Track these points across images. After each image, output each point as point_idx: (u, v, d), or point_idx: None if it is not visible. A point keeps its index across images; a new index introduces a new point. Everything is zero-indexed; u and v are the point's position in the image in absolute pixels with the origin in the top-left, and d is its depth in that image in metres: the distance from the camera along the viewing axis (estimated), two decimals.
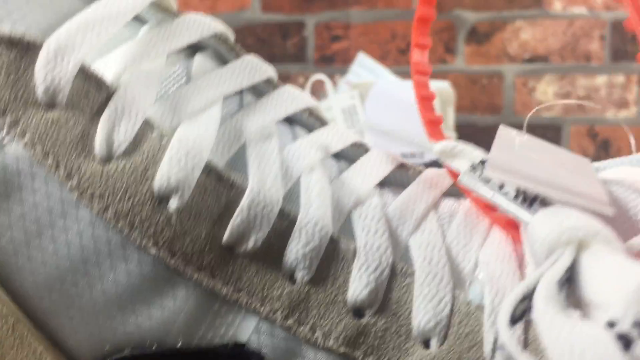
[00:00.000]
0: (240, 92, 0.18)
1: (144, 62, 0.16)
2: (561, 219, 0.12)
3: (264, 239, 0.15)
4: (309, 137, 0.17)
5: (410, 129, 0.60)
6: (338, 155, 0.18)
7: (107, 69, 0.16)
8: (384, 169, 0.17)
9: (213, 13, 0.85)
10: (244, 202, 0.15)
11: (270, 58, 0.96)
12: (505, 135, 0.17)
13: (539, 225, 0.12)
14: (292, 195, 0.16)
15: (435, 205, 0.17)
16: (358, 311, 0.15)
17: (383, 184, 0.17)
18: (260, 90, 0.18)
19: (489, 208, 0.17)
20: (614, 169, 0.17)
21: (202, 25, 0.18)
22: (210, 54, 0.18)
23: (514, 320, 0.11)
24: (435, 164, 0.65)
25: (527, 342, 0.14)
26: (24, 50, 0.15)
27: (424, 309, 0.15)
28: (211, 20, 0.18)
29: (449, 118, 0.62)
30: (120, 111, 0.15)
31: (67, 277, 0.14)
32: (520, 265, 0.16)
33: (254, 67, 0.18)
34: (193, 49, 0.18)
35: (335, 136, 0.18)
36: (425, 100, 0.19)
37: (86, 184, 0.14)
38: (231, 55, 0.18)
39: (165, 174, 0.14)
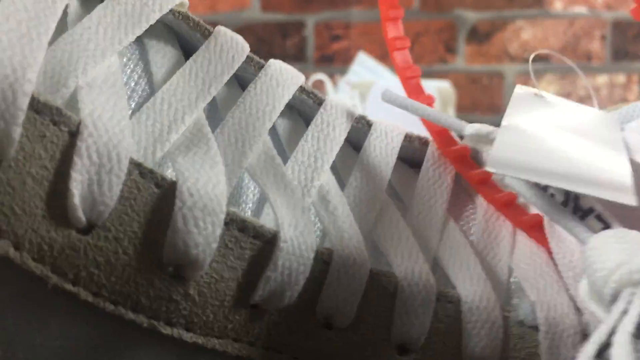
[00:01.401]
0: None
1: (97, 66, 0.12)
2: (631, 253, 0.11)
3: (300, 292, 0.12)
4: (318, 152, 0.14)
5: (410, 128, 0.60)
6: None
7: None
8: (392, 162, 0.16)
9: (213, 12, 0.85)
10: (276, 255, 0.12)
11: (270, 57, 0.96)
12: (520, 99, 0.16)
13: (603, 254, 0.11)
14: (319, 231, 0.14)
15: (449, 205, 0.15)
16: (403, 348, 0.13)
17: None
18: (246, 79, 0.14)
19: (505, 206, 0.15)
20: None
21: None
22: (161, 33, 0.15)
23: None
24: None
25: None
26: None
27: (476, 336, 0.13)
28: None
29: None
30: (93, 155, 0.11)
31: None
32: (556, 271, 0.14)
33: (230, 48, 0.14)
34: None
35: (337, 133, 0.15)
36: (408, 79, 0.18)
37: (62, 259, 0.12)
38: (196, 34, 0.15)
39: (172, 241, 0.11)
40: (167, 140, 0.12)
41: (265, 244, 0.12)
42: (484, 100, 0.86)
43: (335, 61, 0.86)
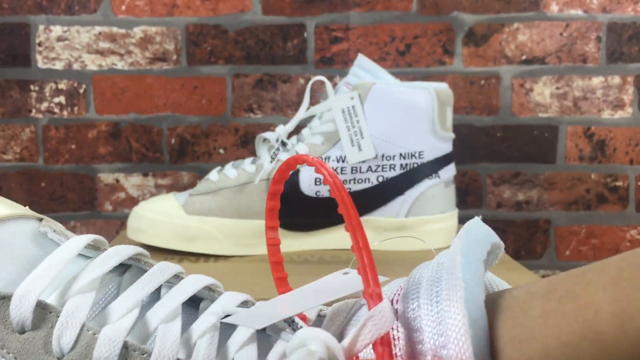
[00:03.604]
0: (159, 288, 0.26)
1: (77, 288, 0.24)
2: (310, 333, 0.20)
3: None
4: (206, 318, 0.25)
5: (409, 129, 0.61)
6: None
7: (54, 297, 0.24)
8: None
9: (214, 15, 0.86)
10: None
11: (271, 60, 0.97)
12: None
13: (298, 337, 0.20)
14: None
15: None
16: None
17: None
18: (171, 284, 0.26)
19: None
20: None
21: (121, 251, 0.26)
22: (134, 270, 0.26)
23: None
24: (434, 164, 0.67)
25: None
26: (3, 300, 0.24)
27: None
28: (129, 247, 0.26)
29: (447, 119, 0.63)
30: (65, 324, 0.23)
31: None
32: None
33: (165, 269, 0.26)
34: (124, 268, 0.26)
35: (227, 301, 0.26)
36: (276, 264, 0.27)
37: None
38: (147, 266, 0.26)
39: (97, 356, 0.22)
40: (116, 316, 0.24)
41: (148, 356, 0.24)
42: (481, 102, 0.87)
43: (335, 63, 0.87)
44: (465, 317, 0.20)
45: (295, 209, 0.60)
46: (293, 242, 0.61)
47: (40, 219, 0.28)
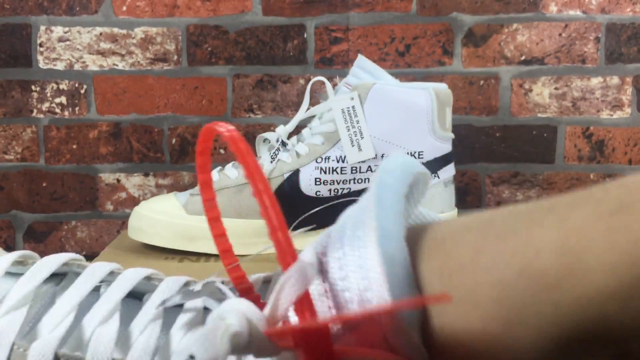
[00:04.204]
0: (98, 291, 0.25)
1: (9, 306, 0.24)
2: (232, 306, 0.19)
3: None
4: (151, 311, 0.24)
5: (409, 129, 0.61)
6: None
7: None
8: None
9: (215, 16, 0.86)
10: None
11: (271, 60, 0.97)
12: None
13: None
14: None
15: None
16: None
17: None
18: (110, 282, 0.25)
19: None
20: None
21: (51, 261, 0.25)
22: (71, 277, 0.25)
23: None
24: (434, 164, 0.67)
25: None
26: None
27: None
28: (60, 255, 0.25)
29: (447, 119, 0.63)
30: None
31: None
32: None
33: (98, 269, 0.25)
34: (60, 278, 0.26)
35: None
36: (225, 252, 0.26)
37: None
38: (81, 269, 0.25)
39: None
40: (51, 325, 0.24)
41: None
42: (481, 102, 0.87)
43: (335, 63, 0.87)
44: (378, 254, 0.19)
45: (295, 209, 0.60)
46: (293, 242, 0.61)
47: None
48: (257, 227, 0.60)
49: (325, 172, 0.60)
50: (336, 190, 0.60)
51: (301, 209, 0.60)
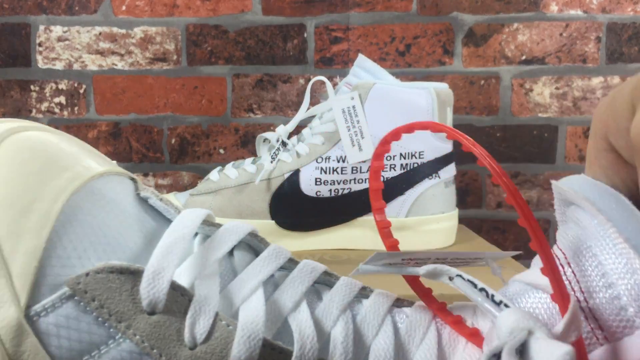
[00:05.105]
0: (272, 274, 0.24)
1: (205, 271, 0.22)
2: (520, 315, 0.19)
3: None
4: (335, 299, 0.23)
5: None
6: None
7: (181, 278, 0.22)
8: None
9: (214, 15, 0.86)
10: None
11: (271, 60, 0.97)
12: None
13: (505, 317, 0.19)
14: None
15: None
16: None
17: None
18: (286, 268, 0.24)
19: (455, 323, 0.23)
20: None
21: (238, 230, 0.24)
22: (244, 247, 0.25)
23: None
24: (434, 164, 0.67)
25: None
26: (132, 275, 0.21)
27: None
28: (242, 224, 0.24)
29: (447, 119, 0.63)
30: (198, 311, 0.21)
31: None
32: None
33: (279, 253, 0.24)
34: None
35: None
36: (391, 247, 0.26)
37: None
38: (261, 245, 0.25)
39: (236, 354, 0.20)
40: (239, 299, 0.22)
41: (287, 355, 0.21)
42: (481, 102, 0.87)
43: (335, 63, 0.87)
44: None
45: (295, 209, 0.60)
46: (293, 242, 0.61)
47: (132, 179, 0.26)
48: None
49: (325, 172, 0.60)
50: (336, 191, 0.60)
51: (301, 209, 0.60)
